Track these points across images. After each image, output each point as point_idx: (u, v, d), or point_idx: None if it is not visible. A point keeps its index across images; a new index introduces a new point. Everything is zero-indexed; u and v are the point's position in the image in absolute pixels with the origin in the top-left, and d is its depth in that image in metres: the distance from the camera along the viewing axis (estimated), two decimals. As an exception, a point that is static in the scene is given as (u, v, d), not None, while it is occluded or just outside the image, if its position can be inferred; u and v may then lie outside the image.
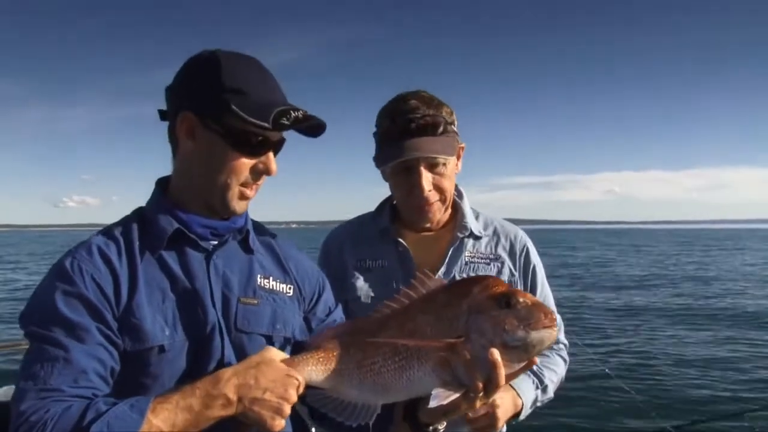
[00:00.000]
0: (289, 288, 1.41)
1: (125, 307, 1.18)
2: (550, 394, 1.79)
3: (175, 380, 1.19)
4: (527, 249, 1.86)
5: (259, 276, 1.36)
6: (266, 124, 1.19)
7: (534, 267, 1.87)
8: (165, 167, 1.39)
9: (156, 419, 1.03)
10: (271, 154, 1.28)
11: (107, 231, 1.29)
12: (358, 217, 1.97)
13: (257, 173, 1.28)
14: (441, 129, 1.65)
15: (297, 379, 1.15)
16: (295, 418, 1.33)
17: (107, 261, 1.21)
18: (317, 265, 1.68)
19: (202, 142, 1.24)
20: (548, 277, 1.93)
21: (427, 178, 1.67)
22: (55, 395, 1.05)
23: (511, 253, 1.84)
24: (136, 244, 1.26)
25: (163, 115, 1.33)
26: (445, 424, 1.33)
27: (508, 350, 1.10)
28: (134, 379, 1.16)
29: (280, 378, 1.13)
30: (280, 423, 1.12)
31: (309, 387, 1.19)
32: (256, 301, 1.32)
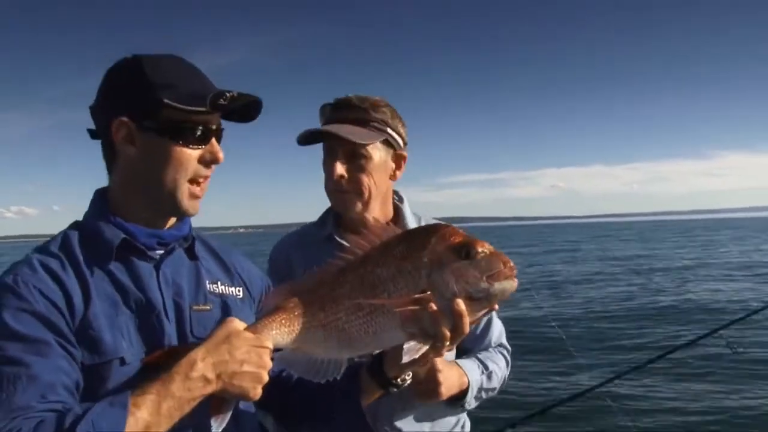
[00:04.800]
0: (239, 290, 1.42)
1: (81, 321, 1.15)
2: (495, 384, 1.88)
3: None
4: None
5: (207, 282, 1.36)
6: (204, 108, 1.19)
7: None
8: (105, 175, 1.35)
9: (140, 411, 1.01)
10: (214, 141, 1.28)
11: (44, 247, 1.24)
12: (302, 228, 2.04)
13: (205, 163, 1.27)
14: (364, 121, 1.73)
15: (267, 345, 1.16)
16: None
17: (53, 275, 1.16)
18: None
19: (142, 145, 1.22)
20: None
21: (341, 164, 1.73)
22: (24, 413, 1.01)
23: None
24: (80, 257, 1.22)
25: (93, 133, 1.31)
26: (411, 375, 1.38)
27: (471, 301, 1.13)
28: (94, 394, 1.11)
29: (252, 347, 1.13)
30: (260, 390, 1.13)
31: (274, 350, 1.19)
32: (208, 307, 1.32)
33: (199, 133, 1.23)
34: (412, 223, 1.89)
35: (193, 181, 1.26)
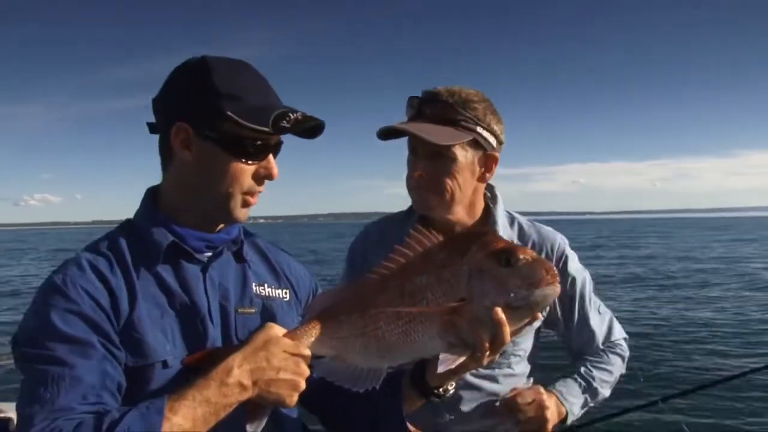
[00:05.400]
0: (285, 293, 1.41)
1: (125, 322, 1.15)
2: (604, 393, 1.81)
3: None
4: (565, 258, 1.79)
5: (254, 284, 1.35)
6: (266, 129, 1.16)
7: (572, 279, 1.80)
8: (132, 165, 1.31)
9: (176, 417, 1.02)
10: (271, 158, 1.26)
11: (94, 246, 1.25)
12: (388, 219, 1.93)
13: (259, 178, 1.26)
14: (452, 120, 1.60)
15: (305, 352, 1.15)
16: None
17: (100, 276, 1.17)
18: (344, 269, 1.91)
19: (199, 152, 1.21)
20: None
21: (422, 163, 1.64)
22: (65, 414, 1.02)
23: None
24: (128, 258, 1.22)
25: (152, 128, 1.30)
26: (454, 384, 1.34)
27: (512, 309, 1.09)
28: (135, 395, 1.12)
29: (290, 355, 1.13)
30: (297, 398, 1.14)
31: (313, 357, 1.18)
32: (253, 310, 1.32)
33: (257, 149, 1.22)
34: (501, 225, 1.77)
35: (247, 193, 1.26)
